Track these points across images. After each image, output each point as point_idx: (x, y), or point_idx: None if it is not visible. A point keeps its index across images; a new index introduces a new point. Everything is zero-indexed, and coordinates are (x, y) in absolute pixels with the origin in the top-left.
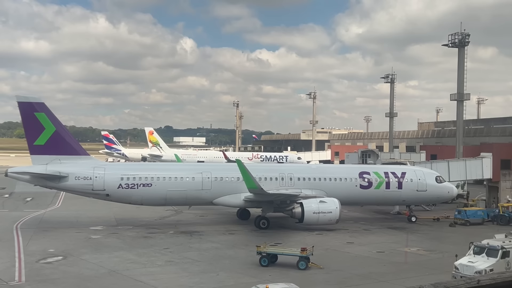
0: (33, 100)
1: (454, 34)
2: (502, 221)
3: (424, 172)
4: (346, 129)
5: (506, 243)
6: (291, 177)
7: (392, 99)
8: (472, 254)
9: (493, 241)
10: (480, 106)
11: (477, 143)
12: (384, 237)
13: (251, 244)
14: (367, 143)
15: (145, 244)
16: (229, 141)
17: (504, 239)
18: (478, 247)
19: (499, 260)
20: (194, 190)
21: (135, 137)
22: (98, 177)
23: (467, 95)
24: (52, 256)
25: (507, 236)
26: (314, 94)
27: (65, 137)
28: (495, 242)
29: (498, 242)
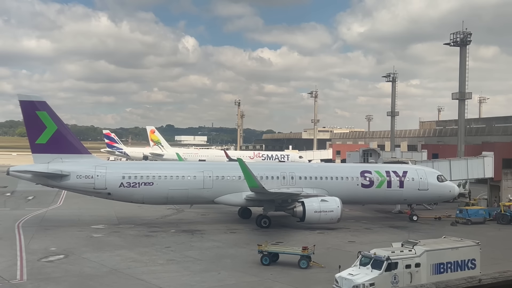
0: (34, 98)
1: (456, 33)
2: (504, 220)
3: (426, 171)
4: (348, 128)
5: (394, 254)
6: (292, 176)
7: (394, 98)
8: (358, 265)
9: (380, 251)
10: (482, 105)
11: (479, 142)
12: (385, 236)
13: (252, 243)
14: (369, 142)
15: (146, 243)
16: (231, 140)
17: (397, 248)
18: (365, 257)
19: (383, 273)
20: (196, 189)
21: (136, 136)
22: (99, 176)
23: (469, 94)
24: (54, 255)
25: (404, 245)
26: (316, 93)
27: (66, 136)
28: (382, 252)
29: (385, 252)
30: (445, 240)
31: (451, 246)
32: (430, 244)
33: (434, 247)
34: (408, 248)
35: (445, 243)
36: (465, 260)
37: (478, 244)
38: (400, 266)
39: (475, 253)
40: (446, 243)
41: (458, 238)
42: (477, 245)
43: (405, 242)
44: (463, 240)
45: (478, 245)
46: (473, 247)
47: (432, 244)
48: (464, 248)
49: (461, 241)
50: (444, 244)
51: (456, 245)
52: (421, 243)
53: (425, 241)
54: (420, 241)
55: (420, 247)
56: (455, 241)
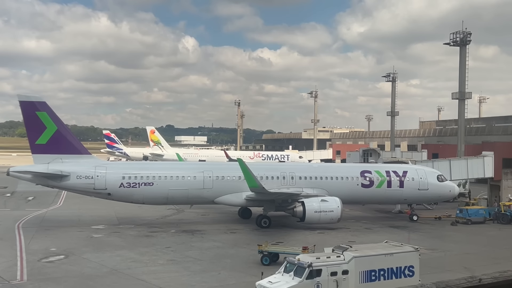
0: (34, 99)
1: (455, 33)
2: (504, 219)
3: (426, 171)
4: (348, 128)
5: (319, 260)
6: (292, 176)
7: (394, 98)
8: (283, 271)
9: (305, 257)
10: (482, 105)
11: (479, 142)
12: (385, 236)
13: (252, 243)
14: (369, 142)
15: (146, 243)
16: (231, 140)
17: (325, 254)
18: (290, 264)
19: (304, 281)
20: (196, 189)
21: (136, 136)
22: (99, 176)
23: (469, 93)
24: (54, 255)
25: (335, 251)
26: (316, 93)
27: (66, 136)
28: (307, 258)
29: (310, 258)
30: (384, 245)
31: (385, 252)
32: (362, 249)
33: (365, 253)
34: (337, 254)
35: (381, 248)
36: (401, 267)
37: (416, 250)
38: (325, 273)
39: (413, 260)
40: (382, 248)
41: (398, 243)
42: (415, 251)
43: (336, 247)
44: (403, 246)
45: (417, 251)
46: (411, 253)
47: (364, 249)
48: (400, 254)
49: (401, 246)
50: (379, 249)
51: (390, 251)
52: (352, 248)
53: (358, 246)
54: (352, 246)
55: (349, 253)
56: (394, 246)
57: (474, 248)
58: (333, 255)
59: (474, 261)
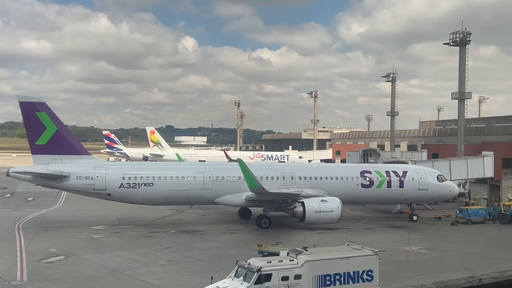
0: (34, 99)
1: (455, 33)
2: (504, 219)
3: (426, 171)
4: (348, 128)
5: (270, 264)
6: (292, 176)
7: (394, 98)
8: (233, 276)
9: (256, 260)
10: (482, 104)
11: (479, 142)
12: (385, 236)
13: (252, 243)
14: (369, 142)
15: (146, 244)
16: (230, 141)
17: (278, 257)
18: (241, 268)
19: (252, 286)
20: (196, 190)
21: (136, 136)
22: (99, 177)
23: (469, 93)
24: (54, 256)
25: (289, 254)
26: (316, 93)
27: (66, 137)
28: (257, 262)
29: (260, 262)
30: (344, 248)
31: (342, 255)
32: (318, 253)
33: (319, 257)
34: (291, 258)
35: (338, 251)
36: (359, 272)
37: (376, 254)
38: (275, 278)
39: (373, 264)
40: (339, 251)
41: (359, 247)
42: (375, 254)
43: (291, 251)
44: (363, 249)
45: (377, 254)
46: (370, 257)
47: (320, 253)
48: (358, 258)
49: (361, 249)
50: (336, 253)
51: (347, 255)
52: (308, 251)
53: (315, 249)
54: (308, 249)
55: (302, 256)
56: (353, 250)
57: (474, 248)
58: (286, 259)
59: (474, 261)
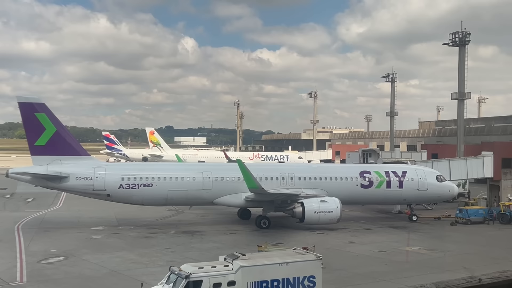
0: (33, 100)
1: (454, 33)
2: (504, 219)
3: (425, 171)
4: (347, 129)
5: (202, 270)
6: (291, 176)
7: (393, 98)
8: (165, 282)
9: (188, 266)
10: (481, 105)
11: (478, 142)
12: (385, 236)
13: (252, 244)
14: (368, 142)
15: (146, 244)
16: (230, 141)
17: (211, 263)
18: (172, 273)
19: None
20: (195, 190)
21: (136, 137)
22: (99, 178)
23: (468, 94)
24: (54, 257)
25: (226, 259)
26: (315, 93)
27: (65, 138)
28: (189, 268)
29: (192, 268)
30: (286, 252)
31: (281, 261)
32: (256, 258)
33: (255, 262)
34: (226, 263)
35: (278, 257)
36: (299, 278)
37: (319, 259)
38: (206, 284)
39: (315, 269)
40: (279, 257)
41: (304, 251)
42: (317, 259)
43: (228, 256)
44: (306, 254)
45: (319, 259)
46: (312, 262)
47: (258, 258)
48: (298, 263)
49: (304, 254)
50: (275, 258)
51: (287, 260)
52: (246, 256)
53: (254, 254)
54: (247, 254)
55: (238, 261)
56: (297, 254)
57: (474, 248)
58: (221, 265)
59: (473, 261)
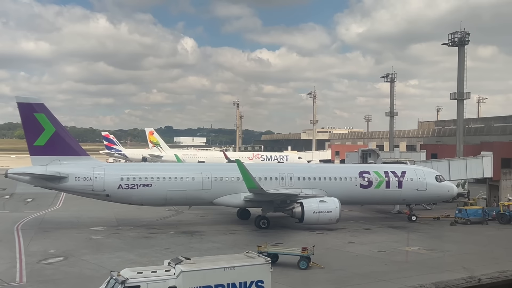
0: (32, 101)
1: (454, 33)
2: (503, 219)
3: (424, 171)
4: (347, 129)
5: (141, 275)
6: (291, 176)
7: (392, 99)
8: (104, 287)
9: (127, 271)
10: (481, 105)
11: (478, 142)
12: (385, 236)
13: (252, 244)
14: (368, 142)
15: (146, 245)
16: (230, 141)
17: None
18: (112, 279)
19: None
20: (194, 190)
21: (135, 137)
22: (98, 178)
23: (467, 94)
24: (53, 257)
25: (170, 263)
26: (315, 93)
27: (65, 138)
28: (128, 273)
29: (130, 273)
30: (236, 256)
31: (227, 265)
32: (201, 262)
33: (198, 267)
34: (167, 268)
35: (224, 261)
36: (247, 282)
37: (268, 263)
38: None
39: (263, 274)
40: (226, 261)
41: (255, 255)
42: (266, 263)
43: (173, 260)
44: (256, 258)
45: (268, 263)
46: (260, 266)
47: (203, 262)
48: (245, 267)
49: (253, 258)
50: (221, 262)
51: (233, 264)
52: (190, 260)
53: (200, 258)
54: (192, 258)
55: (180, 266)
56: (247, 258)
57: (473, 248)
58: (162, 270)
59: (473, 261)
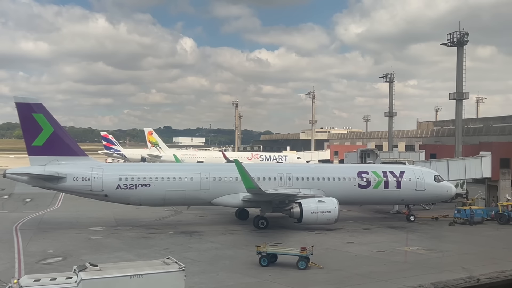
0: (31, 101)
1: (453, 33)
2: (502, 220)
3: (423, 171)
4: (346, 129)
5: (37, 283)
6: (289, 176)
7: (391, 99)
8: None
9: (25, 279)
10: (479, 105)
11: (476, 142)
12: (383, 236)
13: (250, 244)
14: (366, 142)
15: (145, 245)
16: (229, 141)
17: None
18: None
19: None
20: (193, 190)
21: (134, 137)
22: (96, 178)
23: (466, 94)
24: (52, 257)
25: (75, 270)
26: (313, 93)
27: (63, 138)
28: (25, 281)
29: (27, 281)
30: (151, 263)
31: (135, 272)
32: (107, 269)
33: (102, 274)
34: (69, 276)
35: (134, 268)
36: None
37: (181, 270)
38: None
39: (176, 282)
40: (136, 268)
41: (172, 261)
42: (179, 271)
43: (78, 266)
44: (171, 265)
45: (182, 271)
46: (172, 273)
47: (109, 269)
48: (155, 275)
49: (169, 265)
50: (131, 269)
51: (141, 272)
52: (97, 267)
53: (107, 265)
54: (99, 265)
55: (82, 273)
56: (161, 265)
57: (472, 248)
58: (63, 277)
59: (472, 261)
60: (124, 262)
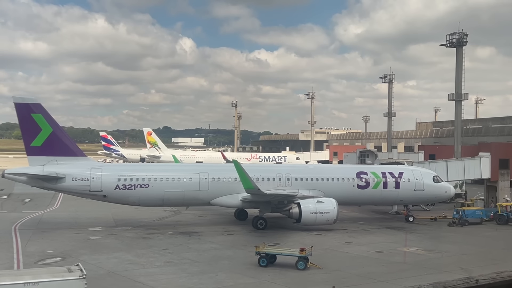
0: (29, 101)
1: (452, 34)
2: (501, 220)
3: (422, 172)
4: (345, 129)
5: None
6: (288, 177)
7: (391, 99)
8: None
9: None
10: (478, 105)
11: (475, 142)
12: (382, 237)
13: (249, 245)
14: (366, 143)
15: (144, 245)
16: (228, 142)
17: None
18: None
19: None
20: (192, 191)
21: (133, 138)
22: (95, 178)
23: (465, 95)
24: (51, 257)
25: None
26: (313, 94)
27: (62, 138)
28: None
29: None
30: (54, 269)
31: (30, 280)
32: (7, 275)
33: None
34: None
35: (30, 275)
36: None
37: (82, 278)
38: None
39: None
40: (32, 275)
41: (77, 268)
42: (80, 278)
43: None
44: (74, 272)
45: (83, 278)
46: (72, 281)
47: (3, 276)
48: (52, 283)
49: (72, 272)
50: (26, 276)
51: (36, 279)
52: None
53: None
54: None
55: None
56: (62, 273)
57: (471, 249)
58: None
59: (471, 262)
60: (22, 270)
